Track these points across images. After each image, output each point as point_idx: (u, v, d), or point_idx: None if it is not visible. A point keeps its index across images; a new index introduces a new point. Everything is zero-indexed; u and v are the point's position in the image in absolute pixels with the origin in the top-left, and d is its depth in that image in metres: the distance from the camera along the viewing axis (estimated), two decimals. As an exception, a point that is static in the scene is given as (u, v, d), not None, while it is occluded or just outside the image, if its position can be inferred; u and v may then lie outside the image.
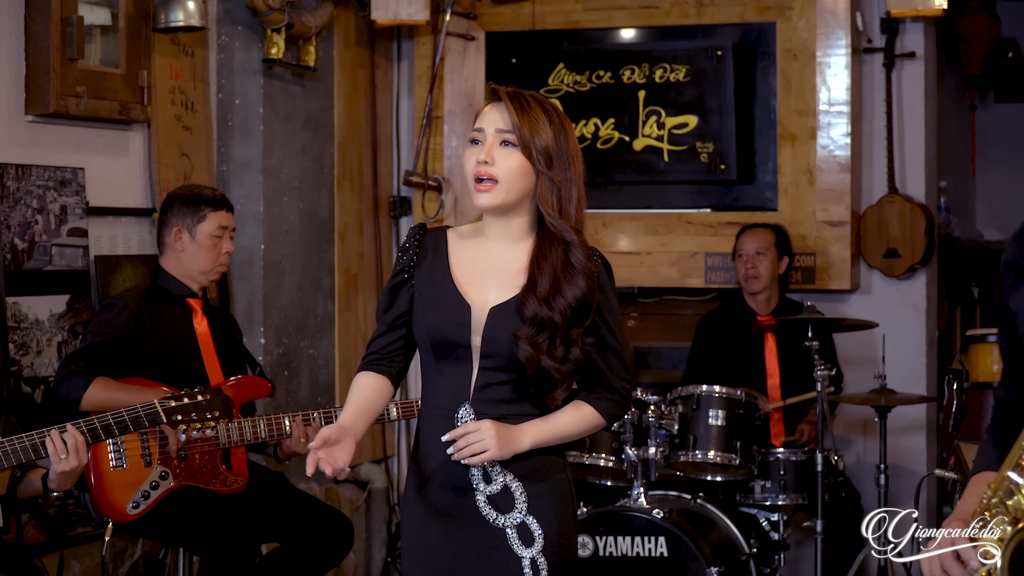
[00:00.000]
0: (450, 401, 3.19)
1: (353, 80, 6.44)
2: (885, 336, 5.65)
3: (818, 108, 6.15)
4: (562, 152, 3.14)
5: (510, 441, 3.13)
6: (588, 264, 3.14)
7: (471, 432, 3.13)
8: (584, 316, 3.14)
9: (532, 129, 3.11)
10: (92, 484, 4.36)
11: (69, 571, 4.86)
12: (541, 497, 3.19)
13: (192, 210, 4.68)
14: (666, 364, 6.41)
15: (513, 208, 3.16)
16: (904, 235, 6.17)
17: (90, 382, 4.37)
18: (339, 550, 4.83)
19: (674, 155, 6.30)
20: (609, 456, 5.21)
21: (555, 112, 3.17)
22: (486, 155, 3.10)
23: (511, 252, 3.20)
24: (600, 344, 3.19)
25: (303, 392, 6.03)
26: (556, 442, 3.21)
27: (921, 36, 6.24)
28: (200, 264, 4.69)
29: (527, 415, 3.19)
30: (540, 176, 3.13)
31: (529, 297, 3.11)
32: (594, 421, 3.24)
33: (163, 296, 4.67)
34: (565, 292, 3.11)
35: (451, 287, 3.18)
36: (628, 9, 6.40)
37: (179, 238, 4.68)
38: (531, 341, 3.09)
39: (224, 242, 4.72)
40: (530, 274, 3.14)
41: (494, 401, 3.17)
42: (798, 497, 5.36)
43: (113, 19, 5.11)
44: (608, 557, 5.00)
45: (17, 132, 4.77)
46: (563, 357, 3.12)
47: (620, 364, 3.24)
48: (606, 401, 3.24)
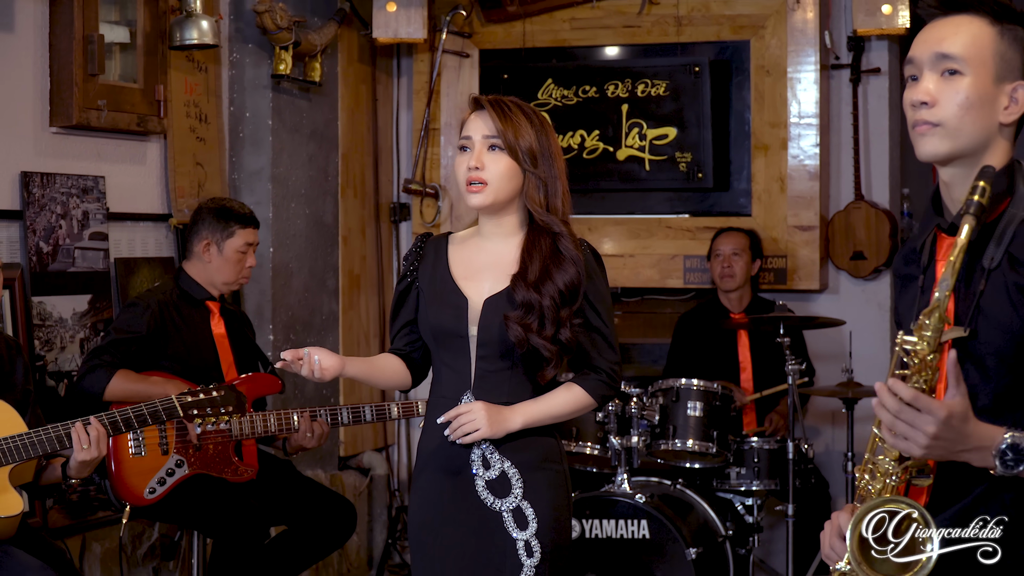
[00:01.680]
0: (453, 390, 3.22)
1: (356, 94, 6.44)
2: (852, 333, 5.66)
3: (789, 120, 6.16)
4: (545, 151, 3.18)
5: (501, 421, 3.15)
6: (576, 252, 3.17)
7: (463, 413, 3.15)
8: (573, 299, 3.16)
9: (516, 132, 3.14)
10: (112, 470, 4.36)
11: (90, 552, 4.86)
12: (536, 483, 3.20)
13: (222, 225, 4.69)
14: (647, 359, 6.42)
15: (504, 206, 3.20)
16: (869, 239, 6.18)
17: (112, 375, 4.38)
18: (343, 533, 4.84)
19: (655, 164, 6.30)
20: (594, 444, 5.21)
21: (534, 114, 3.21)
22: (476, 160, 3.14)
23: (504, 247, 3.23)
24: (587, 325, 3.20)
25: (309, 386, 6.03)
26: (547, 422, 3.22)
27: (886, 53, 6.25)
28: (224, 276, 4.70)
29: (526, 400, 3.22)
30: (527, 175, 3.17)
31: (519, 283, 3.14)
32: (584, 401, 3.24)
33: (184, 298, 4.67)
34: (555, 278, 3.13)
35: (450, 283, 3.22)
36: (612, 28, 6.41)
37: (207, 250, 4.69)
38: (520, 322, 3.11)
39: (248, 257, 4.73)
40: (521, 263, 3.17)
41: (494, 388, 3.19)
42: (771, 483, 5.37)
43: (131, 37, 5.11)
44: (594, 539, 5.01)
45: (42, 143, 4.77)
46: (552, 337, 3.13)
47: (607, 344, 3.24)
48: (594, 381, 3.24)
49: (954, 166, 2.29)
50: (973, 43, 2.26)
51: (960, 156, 2.27)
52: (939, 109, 2.25)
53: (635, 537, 4.99)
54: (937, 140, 2.26)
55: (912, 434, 2.11)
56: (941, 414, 2.09)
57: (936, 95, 2.25)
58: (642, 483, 5.24)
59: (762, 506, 5.50)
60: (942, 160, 2.29)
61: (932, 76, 2.27)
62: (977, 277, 2.23)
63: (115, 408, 3.93)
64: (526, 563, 3.16)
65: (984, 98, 2.25)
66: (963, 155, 2.27)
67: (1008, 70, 2.27)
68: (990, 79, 2.26)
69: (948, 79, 2.25)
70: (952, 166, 2.29)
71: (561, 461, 3.28)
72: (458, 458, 3.20)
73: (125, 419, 3.83)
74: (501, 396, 3.18)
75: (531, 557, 3.16)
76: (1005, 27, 2.28)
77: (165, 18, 5.18)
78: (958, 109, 2.24)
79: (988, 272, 2.22)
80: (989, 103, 2.26)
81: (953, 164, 2.29)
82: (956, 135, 2.25)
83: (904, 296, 2.42)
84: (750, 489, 5.39)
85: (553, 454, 3.26)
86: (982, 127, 2.26)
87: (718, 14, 6.26)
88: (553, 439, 3.27)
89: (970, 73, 2.24)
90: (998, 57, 2.26)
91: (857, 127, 6.20)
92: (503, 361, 3.18)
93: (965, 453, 2.14)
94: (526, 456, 3.20)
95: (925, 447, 2.11)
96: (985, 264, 2.21)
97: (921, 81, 2.28)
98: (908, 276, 2.41)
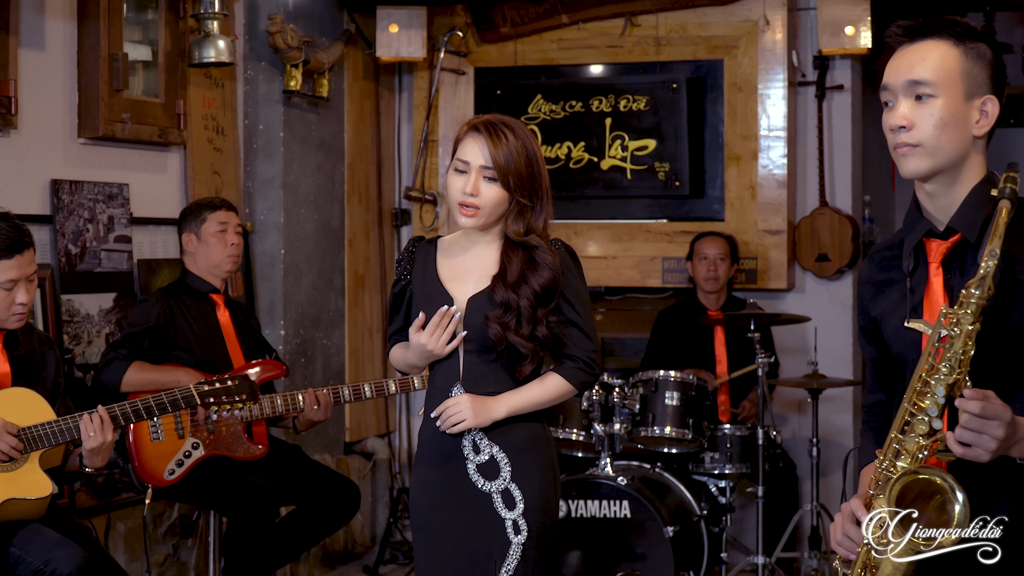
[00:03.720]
0: (445, 382, 3.24)
1: (361, 108, 6.44)
2: (817, 329, 5.67)
3: (759, 133, 6.16)
4: (533, 174, 3.20)
5: (485, 411, 3.17)
6: (552, 259, 3.18)
7: (451, 406, 3.18)
8: (548, 300, 3.17)
9: (508, 162, 3.15)
10: (134, 455, 4.36)
11: (115, 531, 4.86)
12: (524, 467, 3.20)
13: (195, 216, 4.71)
14: (629, 352, 6.42)
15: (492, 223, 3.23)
16: (833, 242, 6.18)
17: (127, 367, 4.38)
18: (348, 511, 4.83)
19: (636, 173, 6.30)
20: (580, 431, 5.22)
21: (525, 137, 3.21)
22: (472, 188, 3.16)
23: (487, 252, 3.24)
24: (563, 320, 3.22)
25: (318, 376, 6.03)
26: (529, 409, 3.22)
27: (848, 71, 6.25)
28: (211, 259, 4.70)
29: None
30: (514, 202, 3.18)
31: (498, 285, 3.17)
32: (563, 388, 3.24)
33: (190, 293, 4.68)
34: (531, 280, 3.16)
35: (437, 284, 3.24)
36: (596, 48, 6.40)
37: (190, 242, 4.70)
38: (499, 321, 3.13)
39: (228, 235, 4.72)
40: (500, 267, 3.19)
41: (481, 379, 3.20)
42: (742, 466, 5.37)
43: (153, 55, 5.11)
44: (579, 518, 5.01)
45: (71, 153, 4.76)
46: (529, 335, 3.14)
47: (583, 335, 3.24)
48: (572, 369, 3.25)
49: (936, 180, 2.31)
50: (941, 66, 2.27)
51: (940, 171, 2.29)
52: (917, 131, 2.27)
53: (617, 516, 4.99)
54: (918, 159, 2.28)
55: (980, 441, 2.10)
56: (1007, 416, 2.09)
57: (912, 119, 2.27)
58: (623, 467, 5.24)
59: (734, 488, 5.51)
60: (924, 176, 2.30)
61: (907, 101, 2.29)
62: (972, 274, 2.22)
63: (135, 398, 3.92)
64: (514, 540, 3.17)
65: (957, 116, 2.27)
66: (943, 170, 2.29)
67: (976, 86, 2.28)
68: (960, 97, 2.27)
69: (922, 103, 2.27)
70: (934, 180, 2.31)
71: (548, 446, 3.28)
72: (451, 445, 3.22)
73: (147, 407, 3.82)
74: (488, 387, 3.20)
75: (518, 535, 3.17)
76: (968, 46, 2.29)
77: (184, 38, 5.17)
78: (934, 129, 2.26)
79: None
80: (962, 120, 2.28)
81: (934, 179, 2.30)
82: (935, 153, 2.27)
83: (882, 299, 2.42)
84: (723, 472, 5.39)
85: (539, 439, 3.26)
86: (958, 143, 2.28)
87: (694, 35, 6.26)
88: (539, 425, 3.27)
89: (941, 95, 2.26)
90: (965, 76, 2.28)
91: (822, 139, 6.20)
92: (488, 355, 3.19)
93: (1015, 447, 2.14)
94: (513, 441, 3.21)
95: (993, 451, 2.10)
96: (979, 262, 2.20)
97: (897, 107, 2.29)
98: (887, 281, 2.42)
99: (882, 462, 2.24)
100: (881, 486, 2.21)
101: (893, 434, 2.23)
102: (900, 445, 2.22)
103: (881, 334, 2.44)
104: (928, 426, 2.18)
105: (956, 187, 2.30)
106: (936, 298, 2.31)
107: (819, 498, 5.51)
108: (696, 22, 6.24)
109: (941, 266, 2.33)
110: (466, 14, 6.49)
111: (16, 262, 3.68)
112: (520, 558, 3.16)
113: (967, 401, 2.09)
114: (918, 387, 2.19)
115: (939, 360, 2.15)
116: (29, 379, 3.79)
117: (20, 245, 3.69)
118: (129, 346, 4.44)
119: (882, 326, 2.42)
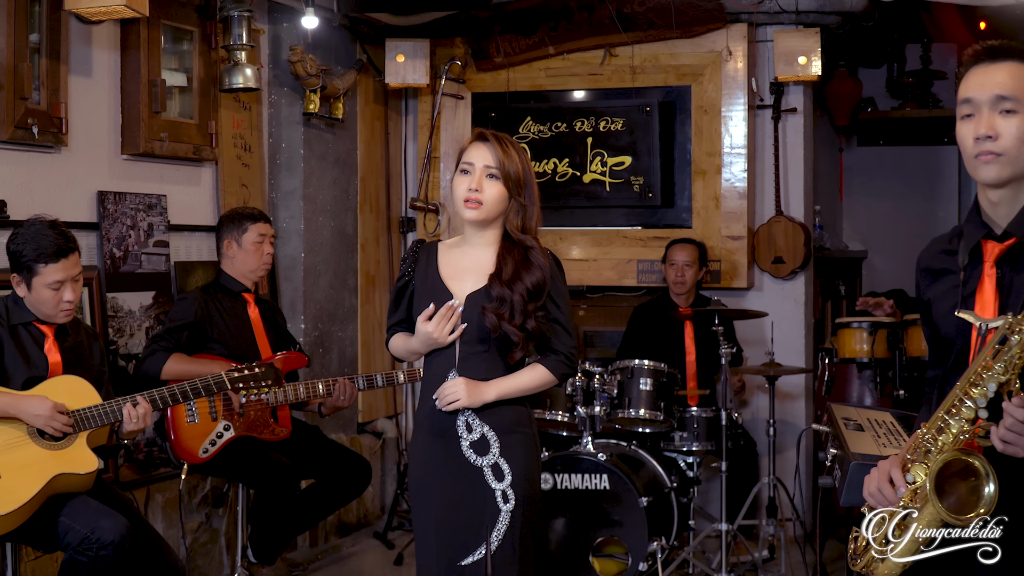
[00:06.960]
0: (442, 368, 3.24)
1: (371, 129, 6.43)
2: (773, 323, 5.67)
3: (723, 150, 6.16)
4: (528, 181, 3.23)
5: (477, 393, 3.18)
6: (544, 261, 3.20)
7: (448, 387, 3.19)
8: (538, 296, 3.19)
9: (509, 164, 3.18)
10: (171, 436, 4.35)
11: (154, 502, 4.85)
12: (511, 444, 3.21)
13: (236, 224, 4.69)
14: (608, 344, 6.41)
15: (490, 222, 3.23)
16: (788, 246, 6.18)
17: (167, 358, 4.37)
18: (360, 485, 4.83)
19: (614, 186, 6.30)
20: (565, 413, 5.21)
21: (520, 151, 3.25)
22: (476, 184, 3.17)
23: (485, 254, 3.25)
24: (549, 318, 3.24)
25: (333, 365, 6.02)
26: (516, 394, 3.23)
27: (801, 96, 6.25)
28: (248, 265, 4.69)
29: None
30: (512, 200, 3.19)
31: (495, 281, 3.19)
32: (546, 377, 3.26)
33: (224, 292, 4.67)
34: (523, 278, 3.17)
35: (439, 282, 3.25)
36: (579, 76, 6.40)
37: (230, 247, 4.68)
38: (495, 312, 3.15)
39: (265, 246, 4.71)
40: (497, 266, 3.20)
41: (474, 366, 3.21)
42: (708, 444, 5.37)
43: (188, 82, 5.10)
44: (564, 490, 5.00)
45: (115, 168, 4.75)
46: (520, 325, 3.16)
47: (565, 332, 3.26)
48: (555, 361, 3.27)
49: (1004, 189, 2.29)
50: (1021, 85, 2.26)
51: (1013, 180, 2.28)
52: (1001, 142, 2.25)
53: (597, 488, 4.99)
54: (999, 167, 2.26)
55: (1021, 442, 2.07)
56: None
57: (998, 130, 2.25)
58: (603, 444, 5.24)
59: (701, 463, 5.50)
60: (1001, 183, 2.29)
61: (992, 114, 2.26)
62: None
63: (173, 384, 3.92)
64: (503, 508, 3.17)
65: None
66: (1015, 179, 2.28)
67: None
68: None
69: (1006, 116, 2.25)
70: (1003, 189, 2.29)
71: (531, 426, 3.29)
72: (446, 423, 3.22)
73: (183, 392, 3.85)
74: (480, 373, 3.20)
75: (507, 503, 3.18)
76: None
77: (216, 66, 5.16)
78: (1016, 141, 2.25)
79: None
80: None
81: (1004, 187, 2.29)
82: (1015, 163, 2.26)
83: (937, 286, 2.41)
84: (691, 449, 5.38)
85: (524, 420, 3.27)
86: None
87: (665, 64, 6.25)
88: (524, 407, 3.28)
89: (1021, 110, 2.25)
90: None
91: (778, 156, 6.20)
92: (481, 345, 3.20)
93: None
94: (502, 421, 3.22)
95: None
96: None
97: (981, 118, 2.27)
98: (943, 270, 2.40)
99: (924, 434, 2.22)
100: (921, 454, 2.19)
101: (941, 413, 2.21)
102: (945, 424, 2.19)
103: (931, 316, 2.42)
104: (975, 413, 2.15)
105: (1019, 196, 2.29)
106: (988, 294, 2.30)
107: (775, 472, 5.50)
108: (667, 52, 6.24)
109: (995, 265, 2.31)
110: (464, 46, 6.48)
111: (62, 265, 3.69)
112: (509, 523, 3.17)
113: (1016, 408, 2.07)
114: (972, 378, 2.17)
115: (996, 360, 2.13)
116: (77, 367, 3.81)
117: (66, 250, 3.71)
118: (169, 339, 4.43)
119: (932, 309, 2.40)
